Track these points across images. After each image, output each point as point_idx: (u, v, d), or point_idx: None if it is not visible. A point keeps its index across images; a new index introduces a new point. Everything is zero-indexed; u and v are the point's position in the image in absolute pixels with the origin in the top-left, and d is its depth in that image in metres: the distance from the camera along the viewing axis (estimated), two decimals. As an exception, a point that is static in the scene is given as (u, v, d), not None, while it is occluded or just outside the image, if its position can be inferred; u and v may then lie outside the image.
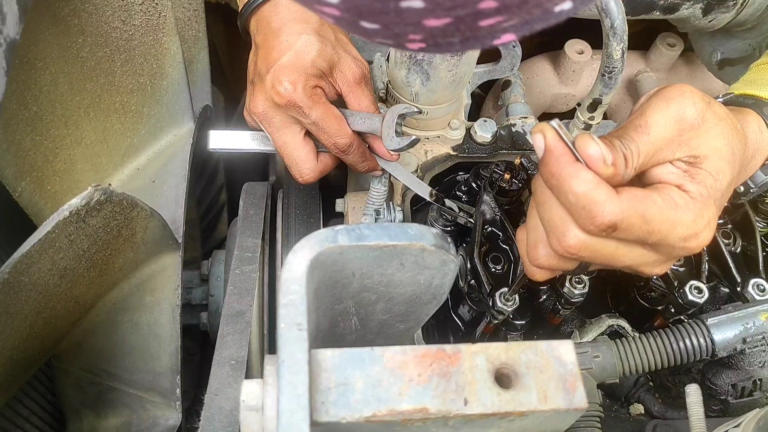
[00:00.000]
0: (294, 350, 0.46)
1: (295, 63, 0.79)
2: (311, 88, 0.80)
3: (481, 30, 0.38)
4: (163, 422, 1.03)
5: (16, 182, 0.94)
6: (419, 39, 0.39)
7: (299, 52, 0.80)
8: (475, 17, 0.36)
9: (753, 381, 0.78)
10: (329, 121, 0.81)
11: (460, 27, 0.37)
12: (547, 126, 0.59)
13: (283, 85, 0.79)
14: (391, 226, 0.52)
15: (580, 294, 0.81)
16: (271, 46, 0.82)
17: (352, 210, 0.97)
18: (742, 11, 1.06)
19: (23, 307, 0.82)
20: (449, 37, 0.38)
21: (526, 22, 0.38)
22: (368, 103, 0.84)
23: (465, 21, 0.36)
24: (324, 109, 0.81)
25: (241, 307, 0.92)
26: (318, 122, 0.81)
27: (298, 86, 0.79)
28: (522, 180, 0.87)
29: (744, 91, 0.77)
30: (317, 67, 0.80)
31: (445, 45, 0.40)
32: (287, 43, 0.81)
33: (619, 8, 0.78)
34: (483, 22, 0.37)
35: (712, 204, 0.61)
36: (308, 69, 0.80)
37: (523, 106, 1.10)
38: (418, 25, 0.37)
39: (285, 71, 0.79)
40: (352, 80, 0.83)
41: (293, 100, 0.79)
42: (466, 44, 0.40)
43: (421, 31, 0.37)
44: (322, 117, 0.81)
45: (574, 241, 0.59)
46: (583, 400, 0.48)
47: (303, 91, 0.79)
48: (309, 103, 0.79)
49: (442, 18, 0.36)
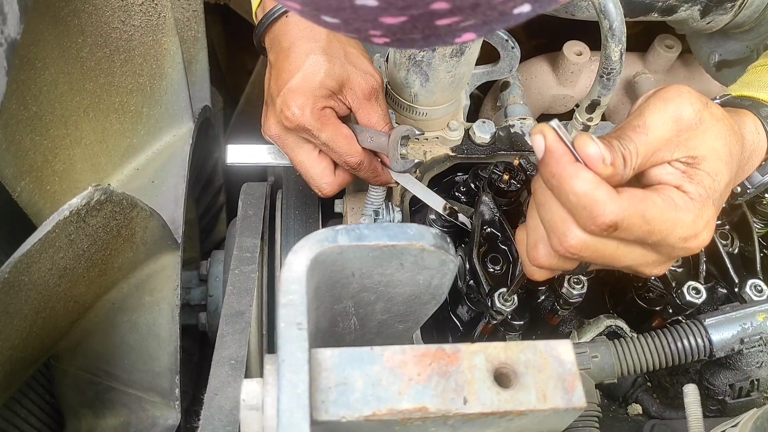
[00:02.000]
0: (294, 349, 0.46)
1: (303, 86, 0.80)
2: (319, 110, 0.81)
3: (440, 29, 0.38)
4: (162, 422, 1.03)
5: (16, 182, 0.94)
6: (380, 35, 0.39)
7: (307, 74, 0.80)
8: (430, 17, 0.36)
9: (750, 381, 0.78)
10: (339, 142, 0.82)
11: (417, 25, 0.37)
12: (546, 127, 0.59)
13: (291, 109, 0.79)
14: (391, 226, 0.52)
15: (579, 294, 0.81)
16: (281, 66, 0.83)
17: (351, 210, 0.97)
18: (739, 13, 1.07)
19: (23, 307, 0.82)
20: (410, 34, 0.39)
21: (484, 23, 0.38)
22: (378, 119, 0.85)
23: (421, 20, 0.37)
24: (333, 130, 0.82)
25: (241, 307, 0.92)
26: (328, 143, 0.82)
27: (306, 110, 0.79)
28: (521, 181, 0.87)
29: (741, 93, 0.77)
30: (326, 87, 0.81)
31: (408, 41, 0.40)
32: (295, 64, 0.81)
33: (617, 10, 0.78)
34: (440, 22, 0.37)
35: (710, 204, 0.61)
36: (316, 91, 0.80)
37: (522, 107, 1.10)
38: (376, 22, 0.37)
39: (293, 95, 0.80)
40: (361, 96, 0.83)
41: (301, 123, 0.80)
42: (429, 41, 0.40)
43: (380, 28, 0.38)
44: (332, 138, 0.82)
45: (575, 241, 0.60)
46: (581, 400, 0.48)
47: (311, 115, 0.80)
48: (317, 125, 0.80)
49: (398, 17, 0.36)
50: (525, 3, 0.37)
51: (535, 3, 0.37)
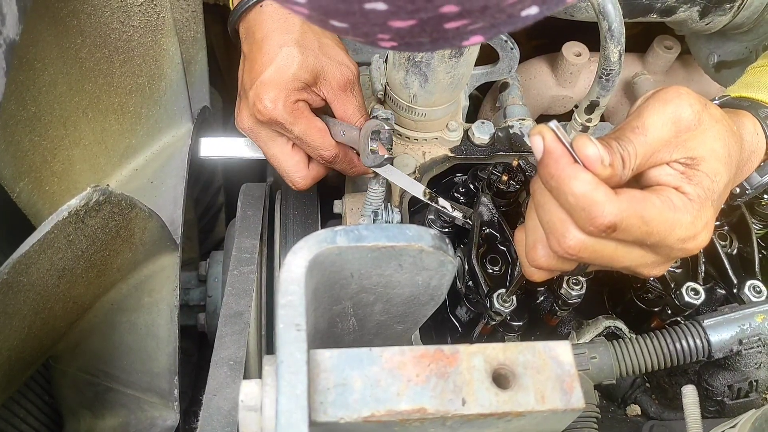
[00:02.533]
0: (293, 350, 0.46)
1: (275, 78, 0.79)
2: (292, 104, 0.80)
3: (448, 32, 0.38)
4: (161, 423, 1.03)
5: (15, 183, 0.94)
6: (388, 38, 0.39)
7: (279, 66, 0.80)
8: (439, 20, 0.36)
9: (749, 382, 0.78)
10: (312, 136, 0.82)
11: (426, 28, 0.37)
12: (545, 128, 0.59)
13: (263, 102, 0.79)
14: (390, 227, 0.52)
15: (578, 295, 0.81)
16: (254, 58, 0.82)
17: (350, 211, 0.97)
18: (738, 14, 1.07)
19: (21, 308, 0.82)
20: (418, 38, 0.39)
21: (492, 26, 0.38)
22: (353, 110, 0.84)
23: (429, 23, 0.37)
24: (306, 124, 0.81)
25: (240, 308, 0.92)
26: (301, 137, 0.82)
27: (278, 103, 0.79)
28: (520, 181, 0.88)
29: (740, 94, 0.77)
30: (299, 79, 0.80)
31: (416, 44, 0.40)
32: (268, 57, 0.81)
33: (616, 11, 0.78)
34: (448, 25, 0.37)
35: (709, 205, 0.61)
36: (289, 84, 0.80)
37: (521, 107, 1.10)
38: (385, 26, 0.37)
39: (265, 88, 0.79)
40: (336, 87, 0.83)
41: (274, 117, 0.80)
42: (437, 44, 0.40)
43: (389, 32, 0.38)
44: (305, 132, 0.81)
45: (574, 242, 0.60)
46: (580, 401, 0.49)
47: (284, 108, 0.79)
48: (290, 119, 0.80)
49: (407, 20, 0.36)
50: (533, 5, 0.37)
51: (542, 5, 0.37)
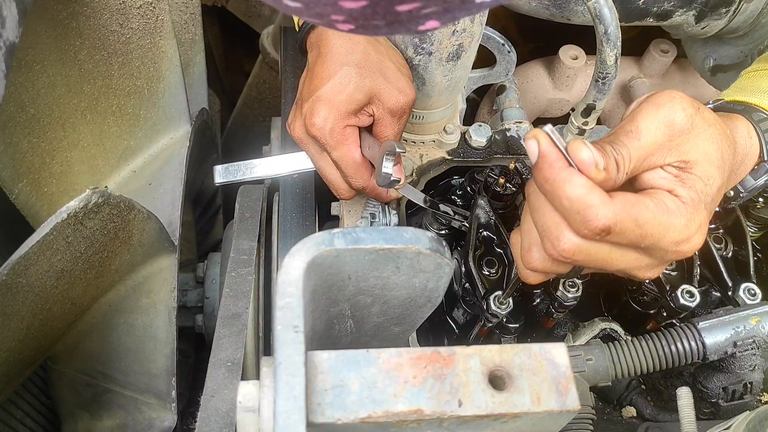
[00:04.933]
0: (290, 352, 0.46)
1: (331, 96, 0.81)
2: (341, 129, 0.81)
3: (402, 15, 0.38)
4: (159, 424, 1.04)
5: (13, 184, 0.94)
6: (343, 20, 0.39)
7: (336, 84, 0.81)
8: (390, 2, 0.36)
9: (743, 384, 0.79)
10: (347, 165, 0.83)
11: (377, 10, 0.37)
12: (540, 132, 0.59)
13: (314, 118, 0.80)
14: (387, 230, 0.53)
15: (573, 297, 0.82)
16: (315, 71, 0.83)
17: (347, 213, 0.97)
18: (734, 19, 1.07)
19: (20, 309, 0.82)
20: (372, 20, 0.39)
21: (446, 11, 0.38)
22: (392, 135, 0.85)
23: (381, 4, 0.36)
24: (345, 152, 0.82)
25: (237, 310, 0.93)
26: (338, 162, 0.83)
27: (328, 123, 0.80)
28: (516, 184, 0.88)
29: (734, 98, 0.78)
30: (353, 100, 0.81)
31: (372, 27, 0.40)
32: (328, 72, 0.82)
33: (612, 15, 0.79)
34: (400, 7, 0.37)
35: (702, 208, 0.61)
36: (342, 105, 0.81)
37: (518, 110, 1.11)
38: (336, 6, 0.37)
39: (320, 104, 0.80)
40: (387, 110, 0.84)
41: (319, 136, 0.81)
42: (392, 28, 0.40)
43: (341, 13, 0.38)
44: (341, 159, 0.83)
45: (569, 245, 0.60)
46: (575, 403, 0.49)
47: (331, 131, 0.80)
48: (332, 143, 0.81)
49: (358, 1, 0.36)
50: None
51: None
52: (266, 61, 1.73)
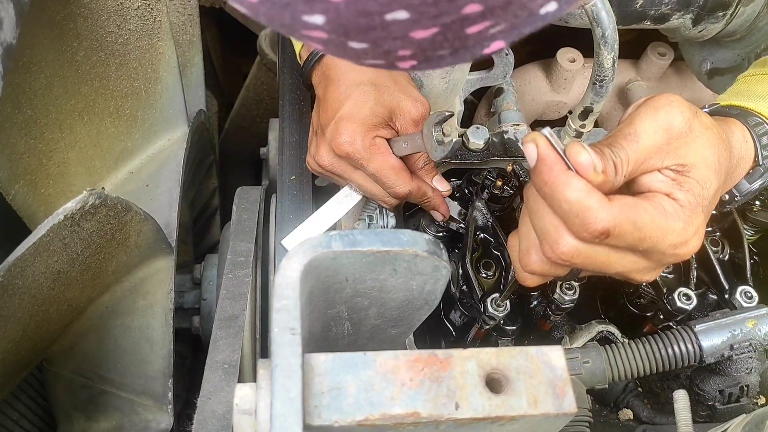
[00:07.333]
0: (287, 354, 0.46)
1: (354, 113, 0.80)
2: (371, 140, 0.81)
3: (470, 38, 0.38)
4: (155, 426, 1.03)
5: (10, 185, 0.94)
6: (409, 55, 0.39)
7: (357, 102, 0.81)
8: (462, 24, 0.36)
9: (740, 387, 0.79)
10: (386, 173, 0.82)
11: (447, 36, 0.37)
12: (538, 135, 0.59)
13: (342, 137, 0.80)
14: (384, 232, 0.53)
15: (571, 300, 0.82)
16: (330, 97, 0.83)
17: (345, 215, 0.97)
18: (731, 22, 1.07)
19: (16, 310, 0.82)
20: (439, 50, 0.38)
21: (513, 27, 0.38)
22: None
23: (452, 29, 0.36)
24: (381, 161, 0.82)
25: (234, 311, 0.93)
26: (375, 174, 0.82)
27: (356, 139, 0.80)
28: (514, 187, 0.88)
29: (729, 102, 0.78)
30: (377, 114, 0.81)
31: (436, 59, 0.40)
32: (345, 94, 0.82)
33: (610, 18, 0.79)
34: (470, 29, 0.37)
35: (700, 212, 0.61)
36: (367, 119, 0.81)
37: (516, 113, 1.11)
38: (406, 39, 0.37)
39: (345, 123, 0.80)
40: (410, 121, 0.84)
41: (351, 153, 0.80)
42: (457, 56, 0.40)
43: (410, 45, 0.38)
44: (379, 170, 0.82)
45: (567, 248, 0.60)
46: (572, 405, 0.49)
47: (361, 144, 0.80)
48: (366, 156, 0.81)
49: (429, 28, 0.36)
50: (551, 1, 0.37)
51: (560, 0, 0.37)
52: (264, 63, 1.73)
